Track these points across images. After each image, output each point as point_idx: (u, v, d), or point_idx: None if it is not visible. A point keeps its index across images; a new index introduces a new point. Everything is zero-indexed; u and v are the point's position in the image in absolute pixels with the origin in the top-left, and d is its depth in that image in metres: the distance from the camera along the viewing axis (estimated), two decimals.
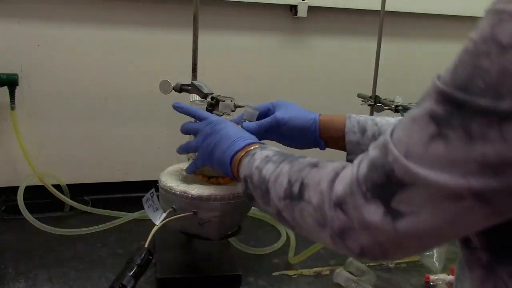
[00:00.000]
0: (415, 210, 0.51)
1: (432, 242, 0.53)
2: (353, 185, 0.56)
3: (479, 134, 0.46)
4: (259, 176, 0.73)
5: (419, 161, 0.50)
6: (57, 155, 1.37)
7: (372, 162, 0.55)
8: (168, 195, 0.95)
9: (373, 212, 0.53)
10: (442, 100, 0.49)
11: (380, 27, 1.33)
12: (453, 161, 0.48)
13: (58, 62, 1.32)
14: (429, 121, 0.50)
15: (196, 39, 1.03)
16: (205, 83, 1.01)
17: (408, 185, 0.50)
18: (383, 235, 0.53)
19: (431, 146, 0.49)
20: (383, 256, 0.56)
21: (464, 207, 0.48)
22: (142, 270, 0.80)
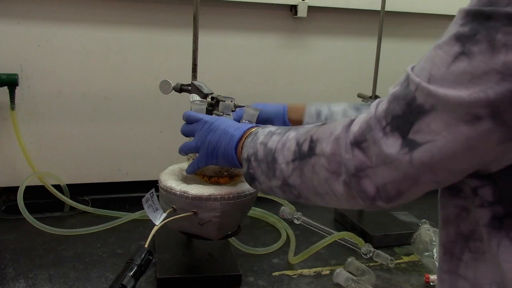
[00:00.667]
0: (431, 138, 0.51)
1: (445, 175, 0.53)
2: (371, 121, 0.57)
3: (503, 43, 0.47)
4: (264, 150, 0.74)
5: (441, 82, 0.50)
6: (57, 155, 1.37)
7: (393, 96, 0.56)
8: (168, 195, 0.95)
9: (391, 144, 0.54)
10: (468, 20, 0.50)
11: (380, 27, 1.33)
12: (474, 75, 0.48)
13: (58, 62, 1.32)
14: (454, 42, 0.51)
15: (196, 39, 1.03)
16: (205, 83, 1.01)
17: (428, 110, 0.51)
18: (398, 169, 0.54)
19: (454, 64, 0.50)
20: (398, 194, 0.57)
21: (481, 129, 0.49)
22: (142, 271, 0.80)
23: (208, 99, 1.01)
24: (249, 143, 0.79)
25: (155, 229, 0.88)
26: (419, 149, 0.52)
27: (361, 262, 1.11)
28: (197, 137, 0.89)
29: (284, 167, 0.70)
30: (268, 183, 0.75)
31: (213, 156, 0.87)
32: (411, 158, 0.53)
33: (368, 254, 1.18)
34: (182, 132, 0.94)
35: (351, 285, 1.03)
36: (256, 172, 0.76)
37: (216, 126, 0.87)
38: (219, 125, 0.86)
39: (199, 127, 0.89)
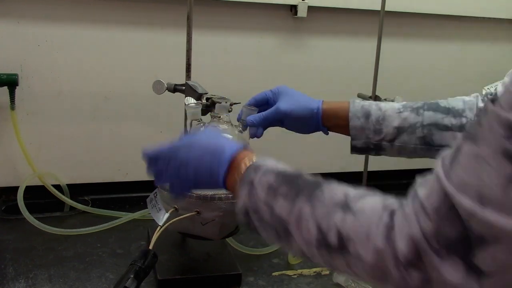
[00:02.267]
0: (501, 269, 0.45)
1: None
2: (421, 242, 0.48)
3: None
4: (271, 215, 0.63)
5: (500, 210, 0.43)
6: (57, 155, 1.37)
7: (437, 214, 0.47)
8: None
9: (454, 271, 0.46)
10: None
11: (380, 27, 1.33)
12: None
13: (58, 62, 1.31)
14: (504, 161, 0.43)
15: (190, 38, 1.02)
16: (199, 83, 1.01)
17: (490, 241, 0.44)
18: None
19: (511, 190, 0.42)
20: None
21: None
22: (146, 273, 0.80)
23: (203, 100, 1.00)
24: (247, 194, 0.66)
25: (158, 230, 0.88)
26: (489, 278, 0.45)
27: None
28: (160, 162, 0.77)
29: (303, 247, 0.60)
30: (279, 243, 0.65)
31: (190, 185, 0.75)
32: (481, 285, 0.46)
33: None
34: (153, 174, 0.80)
35: (351, 285, 1.03)
36: (260, 230, 0.66)
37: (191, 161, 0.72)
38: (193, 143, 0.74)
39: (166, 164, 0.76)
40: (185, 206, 0.93)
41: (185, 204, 0.93)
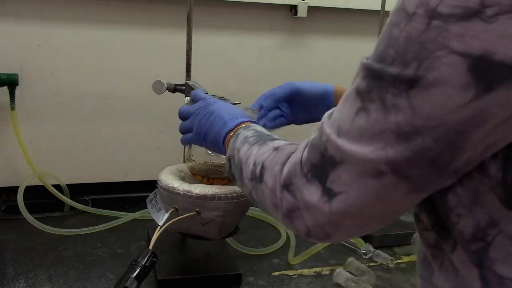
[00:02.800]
0: (344, 189, 0.52)
1: (365, 221, 0.54)
2: (296, 167, 0.58)
3: (392, 104, 0.47)
4: (237, 157, 0.75)
5: (348, 136, 0.51)
6: (57, 155, 1.37)
7: (311, 143, 0.57)
8: (170, 195, 0.95)
9: (313, 192, 0.55)
10: (365, 74, 0.50)
11: (380, 27, 1.33)
12: (373, 133, 0.49)
13: (58, 62, 1.31)
14: (355, 96, 0.51)
15: (190, 38, 1.02)
16: (199, 83, 1.01)
17: (338, 163, 0.52)
18: (321, 215, 0.55)
19: (356, 120, 0.50)
20: (325, 236, 0.57)
21: (386, 183, 0.49)
22: (146, 273, 0.80)
23: None
24: (231, 144, 0.79)
25: (158, 230, 0.88)
26: (336, 198, 0.53)
27: (361, 262, 1.12)
28: (191, 118, 0.90)
29: (246, 182, 0.71)
30: (242, 187, 0.76)
31: (203, 141, 0.88)
32: (330, 206, 0.53)
33: (368, 254, 1.18)
34: (180, 130, 0.93)
35: (351, 285, 1.03)
36: (235, 174, 0.77)
37: (212, 111, 0.87)
38: (214, 110, 0.87)
39: (195, 108, 0.90)
40: (185, 206, 0.93)
41: (185, 204, 0.93)
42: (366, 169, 0.50)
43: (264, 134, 0.77)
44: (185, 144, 0.94)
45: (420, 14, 0.45)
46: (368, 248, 1.18)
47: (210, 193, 0.92)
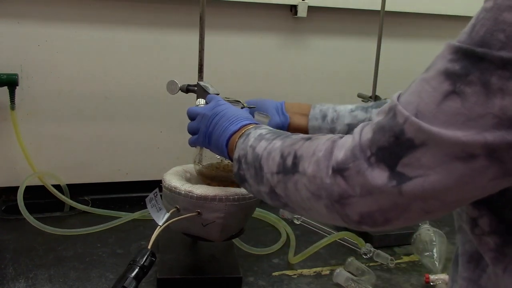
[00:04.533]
0: (422, 172, 0.50)
1: (437, 205, 0.52)
2: (355, 150, 0.55)
3: (498, 87, 0.45)
4: (252, 154, 0.73)
5: (432, 120, 0.49)
6: (57, 155, 1.37)
7: (378, 126, 0.54)
8: (172, 195, 0.95)
9: (378, 176, 0.52)
10: (458, 57, 0.48)
11: (380, 27, 1.33)
12: (469, 117, 0.47)
13: (58, 62, 1.31)
14: (443, 79, 0.49)
15: (202, 39, 1.02)
16: (211, 84, 1.01)
17: (418, 145, 0.50)
18: (387, 199, 0.53)
19: (445, 103, 0.48)
20: (385, 222, 0.55)
21: (476, 166, 0.48)
22: (145, 272, 0.80)
23: None
24: (241, 144, 0.77)
25: (158, 230, 0.88)
26: (409, 182, 0.51)
27: (361, 262, 1.12)
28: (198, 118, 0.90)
29: (269, 177, 0.69)
30: (257, 187, 0.74)
31: (208, 142, 0.87)
32: (401, 190, 0.51)
33: (368, 254, 1.18)
34: (188, 130, 0.93)
35: (351, 285, 1.03)
36: (246, 175, 0.75)
37: (218, 112, 0.87)
38: (220, 112, 0.86)
39: (203, 110, 0.90)
40: (186, 206, 0.93)
41: (186, 204, 0.93)
42: (455, 152, 0.48)
43: (280, 131, 0.75)
44: (192, 146, 0.94)
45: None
46: (368, 248, 1.18)
47: (211, 194, 0.92)
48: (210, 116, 0.87)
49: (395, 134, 0.52)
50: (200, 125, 0.88)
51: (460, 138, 0.47)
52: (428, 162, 0.49)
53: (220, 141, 0.83)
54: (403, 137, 0.51)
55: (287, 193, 0.66)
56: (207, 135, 0.87)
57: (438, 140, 0.48)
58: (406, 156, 0.51)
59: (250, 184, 0.76)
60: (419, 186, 0.50)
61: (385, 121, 0.53)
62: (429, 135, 0.49)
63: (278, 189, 0.68)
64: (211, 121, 0.86)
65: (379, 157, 0.53)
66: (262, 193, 0.73)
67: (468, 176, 0.49)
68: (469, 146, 0.47)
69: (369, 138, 0.54)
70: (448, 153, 0.48)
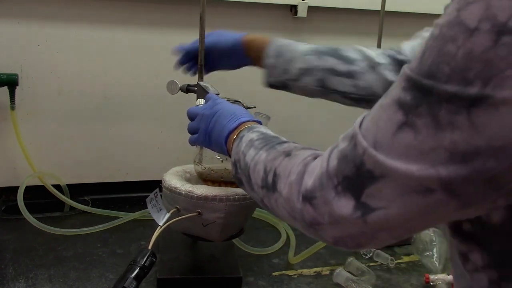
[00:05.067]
0: (384, 204, 0.49)
1: (402, 233, 0.53)
2: (323, 178, 0.55)
3: (447, 121, 0.44)
4: (243, 162, 0.73)
5: (388, 152, 0.48)
6: (57, 155, 1.37)
7: (342, 154, 0.54)
8: (172, 195, 0.95)
9: (343, 206, 0.52)
10: (409, 86, 0.47)
11: (380, 27, 1.33)
12: (421, 150, 0.46)
13: (58, 62, 1.31)
14: (396, 109, 0.48)
15: (203, 39, 1.02)
16: (211, 84, 1.01)
17: (378, 177, 0.49)
18: (354, 228, 0.53)
19: (399, 135, 0.47)
20: (356, 246, 0.56)
21: (434, 200, 0.47)
22: (145, 273, 0.80)
23: None
24: (236, 148, 0.77)
25: (158, 230, 0.87)
26: (372, 214, 0.50)
27: (361, 262, 1.12)
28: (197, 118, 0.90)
29: (256, 189, 0.70)
30: (251, 192, 0.75)
31: (208, 142, 0.87)
32: (366, 221, 0.51)
33: (368, 254, 1.18)
34: (189, 130, 0.93)
35: (351, 285, 1.03)
36: (242, 179, 0.76)
37: (216, 111, 0.86)
38: (217, 111, 0.86)
39: (202, 109, 0.90)
40: (186, 206, 0.93)
41: (186, 204, 0.93)
42: (412, 186, 0.47)
43: (270, 136, 0.75)
44: (192, 145, 0.94)
45: (485, 29, 0.42)
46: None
47: (211, 194, 0.92)
48: (209, 115, 0.86)
49: (356, 165, 0.51)
50: (200, 125, 0.88)
51: (414, 172, 0.46)
52: (388, 194, 0.49)
53: (219, 139, 0.83)
54: (364, 168, 0.50)
55: (272, 207, 0.67)
56: (207, 134, 0.86)
57: (394, 174, 0.48)
58: (369, 187, 0.50)
59: (245, 188, 0.76)
60: (382, 218, 0.50)
61: (348, 150, 0.53)
62: (385, 168, 0.48)
63: (265, 201, 0.69)
64: (210, 120, 0.86)
65: (345, 186, 0.52)
66: (256, 199, 0.74)
67: (428, 208, 0.48)
68: (424, 180, 0.46)
69: (335, 166, 0.54)
70: (405, 186, 0.48)
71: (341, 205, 0.52)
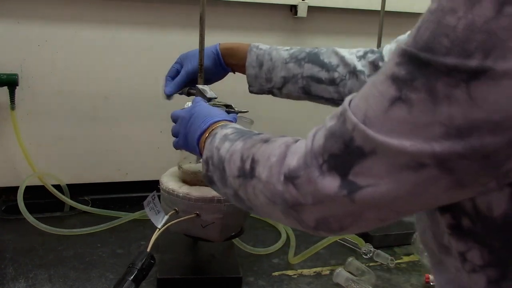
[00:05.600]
0: (373, 181, 0.48)
1: (391, 214, 0.51)
2: (307, 157, 0.53)
3: (444, 95, 0.43)
4: (217, 156, 0.71)
5: (379, 127, 0.47)
6: (57, 155, 1.37)
7: (329, 131, 0.52)
8: (170, 197, 0.95)
9: (328, 185, 0.51)
10: (404, 61, 0.46)
11: (380, 27, 1.33)
12: (415, 125, 0.45)
13: (58, 62, 1.31)
14: (389, 84, 0.47)
15: (203, 39, 1.02)
16: (209, 87, 1.01)
17: (367, 154, 0.48)
18: (339, 207, 0.51)
19: (392, 110, 0.46)
20: (340, 228, 0.54)
21: (426, 176, 0.46)
22: (144, 275, 0.80)
23: None
24: (208, 145, 0.75)
25: (157, 233, 0.87)
26: (360, 191, 0.49)
27: (361, 262, 1.12)
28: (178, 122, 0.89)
29: (231, 180, 0.67)
30: (223, 189, 0.72)
31: (186, 145, 0.86)
32: (353, 199, 0.49)
33: (368, 254, 1.18)
34: (172, 133, 0.92)
35: (351, 285, 1.03)
36: (214, 176, 0.73)
37: (192, 113, 0.85)
38: (193, 113, 0.85)
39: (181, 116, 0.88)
40: (185, 208, 0.93)
41: (185, 206, 0.93)
42: (404, 161, 0.46)
43: (245, 130, 0.74)
44: (176, 148, 0.93)
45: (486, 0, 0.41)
46: (368, 248, 1.18)
47: (209, 196, 0.92)
48: (187, 117, 0.85)
49: (345, 142, 0.50)
50: (180, 128, 0.87)
51: (407, 147, 0.45)
52: (378, 171, 0.48)
53: (193, 141, 0.82)
54: (353, 144, 0.49)
55: (248, 197, 0.65)
56: (185, 137, 0.85)
57: (386, 149, 0.46)
58: (357, 164, 0.49)
59: (217, 186, 0.74)
60: (370, 196, 0.49)
61: (336, 127, 0.51)
62: (376, 144, 0.47)
63: (240, 192, 0.67)
64: (187, 122, 0.85)
65: (331, 164, 0.51)
66: (228, 195, 0.72)
67: (419, 186, 0.47)
68: (417, 156, 0.45)
69: (321, 145, 0.52)
70: (397, 162, 0.46)
71: (325, 184, 0.51)
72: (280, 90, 1.05)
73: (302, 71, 1.01)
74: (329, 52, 1.01)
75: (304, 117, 1.58)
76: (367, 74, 0.97)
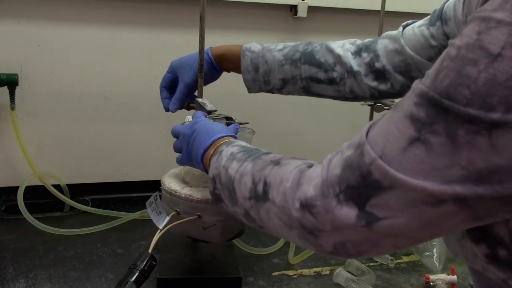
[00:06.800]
0: (391, 214, 0.49)
1: (407, 241, 0.53)
2: (324, 186, 0.54)
3: (466, 141, 0.44)
4: (225, 176, 0.72)
5: (397, 165, 0.48)
6: (57, 155, 1.37)
7: (346, 162, 0.53)
8: (172, 198, 0.95)
9: (346, 215, 0.52)
10: (423, 103, 0.47)
11: (380, 27, 1.33)
12: (434, 167, 0.46)
13: (58, 62, 1.31)
14: (408, 124, 0.48)
15: (203, 39, 1.02)
16: (209, 100, 1.01)
17: (386, 188, 0.49)
18: (357, 234, 0.52)
19: (410, 150, 0.47)
20: (357, 253, 0.55)
21: (444, 211, 0.47)
22: (145, 276, 0.80)
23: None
24: (214, 163, 0.75)
25: (158, 234, 0.87)
26: (378, 222, 0.50)
27: (361, 262, 1.12)
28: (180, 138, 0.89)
29: (242, 201, 0.68)
30: (232, 208, 0.73)
31: (190, 160, 0.85)
32: (371, 229, 0.51)
33: None
34: (174, 149, 0.91)
35: (351, 285, 1.03)
36: (222, 194, 0.74)
37: (195, 129, 0.85)
38: (196, 129, 0.85)
39: (183, 132, 0.88)
40: (187, 209, 0.93)
41: (187, 207, 0.93)
42: (422, 198, 0.47)
43: (252, 149, 0.73)
44: (180, 165, 0.92)
45: (509, 56, 0.42)
46: None
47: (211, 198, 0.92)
48: (189, 134, 0.85)
49: (363, 174, 0.51)
50: (182, 144, 0.87)
51: (427, 187, 0.46)
52: (396, 204, 0.49)
53: (197, 158, 0.82)
54: (371, 178, 0.50)
55: (261, 218, 0.66)
56: (188, 153, 0.85)
57: (405, 187, 0.48)
58: (375, 197, 0.50)
59: (226, 204, 0.75)
60: (388, 227, 0.50)
61: (353, 158, 0.52)
62: (396, 181, 0.48)
63: (252, 213, 0.67)
64: (189, 139, 0.84)
65: (348, 195, 0.52)
66: (238, 214, 0.72)
67: (436, 219, 0.48)
68: (438, 195, 0.46)
69: (337, 174, 0.53)
70: (416, 198, 0.48)
71: (343, 214, 0.52)
72: (280, 90, 1.06)
73: (300, 73, 1.01)
74: (323, 50, 1.01)
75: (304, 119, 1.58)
76: (364, 75, 0.97)
